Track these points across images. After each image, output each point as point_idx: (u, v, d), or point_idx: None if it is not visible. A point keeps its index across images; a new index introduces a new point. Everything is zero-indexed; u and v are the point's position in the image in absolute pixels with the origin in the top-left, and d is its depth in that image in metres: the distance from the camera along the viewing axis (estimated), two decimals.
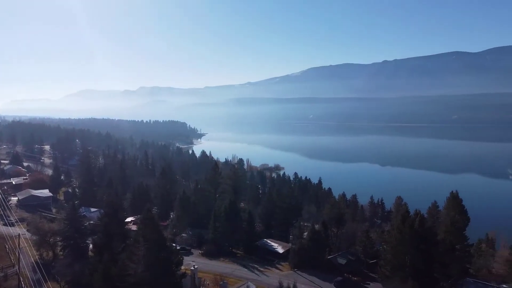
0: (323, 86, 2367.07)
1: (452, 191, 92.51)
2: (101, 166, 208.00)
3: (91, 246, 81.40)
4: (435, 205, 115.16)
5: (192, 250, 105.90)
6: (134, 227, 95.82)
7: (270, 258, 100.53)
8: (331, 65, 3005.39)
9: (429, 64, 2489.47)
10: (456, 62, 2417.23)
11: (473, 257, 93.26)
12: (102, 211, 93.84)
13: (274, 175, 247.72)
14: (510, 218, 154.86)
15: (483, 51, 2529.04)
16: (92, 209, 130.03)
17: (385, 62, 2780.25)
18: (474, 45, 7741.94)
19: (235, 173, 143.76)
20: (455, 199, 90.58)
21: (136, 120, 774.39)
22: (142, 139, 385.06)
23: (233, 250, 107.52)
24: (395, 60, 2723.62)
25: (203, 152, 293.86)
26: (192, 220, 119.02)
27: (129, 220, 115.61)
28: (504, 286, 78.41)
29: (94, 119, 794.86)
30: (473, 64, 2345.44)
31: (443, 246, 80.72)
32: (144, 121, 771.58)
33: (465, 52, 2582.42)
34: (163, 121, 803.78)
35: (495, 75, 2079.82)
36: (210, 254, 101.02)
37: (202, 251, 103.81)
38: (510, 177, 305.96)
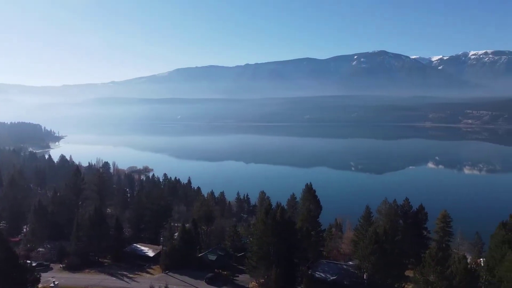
0: (190, 87, 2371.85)
1: (307, 184, 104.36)
2: None
3: None
4: (293, 197, 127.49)
5: (52, 265, 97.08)
6: None
7: (141, 263, 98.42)
8: (197, 67, 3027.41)
9: (285, 68, 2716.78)
10: (306, 67, 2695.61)
11: (325, 240, 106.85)
12: None
13: (143, 177, 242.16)
14: (353, 203, 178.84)
15: (328, 58, 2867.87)
16: None
17: (247, 65, 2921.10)
18: (321, 53, 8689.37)
19: (100, 177, 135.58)
20: (309, 190, 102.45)
21: None
22: None
23: (100, 259, 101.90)
24: (256, 64, 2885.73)
25: (62, 157, 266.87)
26: (51, 232, 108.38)
27: None
28: (350, 263, 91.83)
29: None
30: (320, 69, 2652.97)
31: (301, 233, 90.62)
32: None
33: (314, 58, 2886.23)
34: (11, 123, 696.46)
35: (337, 80, 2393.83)
36: (74, 267, 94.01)
37: (63, 265, 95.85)
38: (353, 168, 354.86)
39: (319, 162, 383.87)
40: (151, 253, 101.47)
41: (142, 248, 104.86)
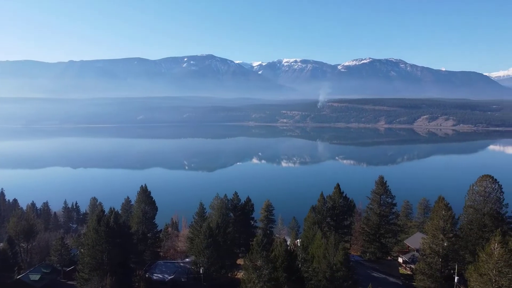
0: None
1: (142, 185, 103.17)
2: None
3: None
4: (128, 200, 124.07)
5: None
6: None
7: None
8: (8, 61, 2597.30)
9: (115, 68, 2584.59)
10: (138, 67, 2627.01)
11: (162, 241, 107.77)
12: None
13: None
14: (188, 201, 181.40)
15: (160, 59, 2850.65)
16: None
17: (71, 62, 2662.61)
18: (153, 53, 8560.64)
19: None
20: (144, 192, 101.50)
21: None
22: None
23: None
24: (82, 61, 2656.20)
25: None
26: None
27: None
28: (187, 259, 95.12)
29: None
30: (152, 70, 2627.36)
31: (137, 236, 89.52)
32: None
33: (146, 59, 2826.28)
34: None
35: (169, 81, 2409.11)
36: None
37: None
38: (186, 167, 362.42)
39: (153, 163, 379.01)
40: None
41: None
